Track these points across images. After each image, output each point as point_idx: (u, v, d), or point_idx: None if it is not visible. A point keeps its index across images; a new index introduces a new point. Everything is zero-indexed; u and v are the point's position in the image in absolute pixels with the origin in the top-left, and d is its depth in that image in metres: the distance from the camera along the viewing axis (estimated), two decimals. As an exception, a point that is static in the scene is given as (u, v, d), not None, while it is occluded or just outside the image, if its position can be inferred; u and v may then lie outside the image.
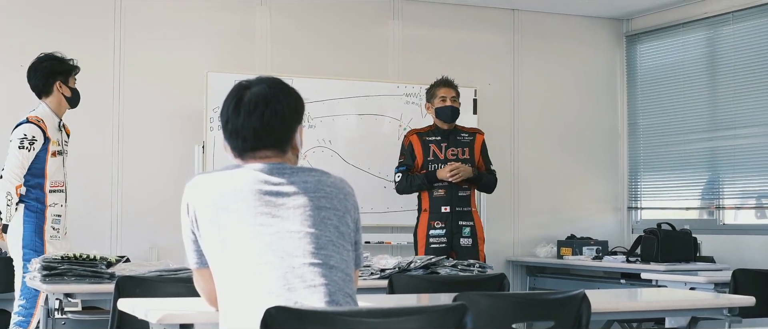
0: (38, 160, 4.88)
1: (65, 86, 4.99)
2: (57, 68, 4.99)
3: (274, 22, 6.92)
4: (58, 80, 4.97)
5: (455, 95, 5.90)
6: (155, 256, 6.37)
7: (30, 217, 4.87)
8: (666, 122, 7.61)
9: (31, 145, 4.84)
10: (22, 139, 4.82)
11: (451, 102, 5.86)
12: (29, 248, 4.84)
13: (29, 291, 4.75)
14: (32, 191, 4.90)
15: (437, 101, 5.88)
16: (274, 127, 2.40)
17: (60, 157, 5.00)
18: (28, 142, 4.83)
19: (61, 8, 6.41)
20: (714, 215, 7.22)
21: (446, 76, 5.97)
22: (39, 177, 4.89)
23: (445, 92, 5.88)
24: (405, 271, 4.38)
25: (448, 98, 5.86)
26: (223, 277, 2.33)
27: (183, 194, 2.41)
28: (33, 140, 4.85)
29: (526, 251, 7.57)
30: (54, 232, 4.93)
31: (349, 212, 2.42)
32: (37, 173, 4.89)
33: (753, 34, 6.96)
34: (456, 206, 5.83)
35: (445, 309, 2.37)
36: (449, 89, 5.89)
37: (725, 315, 3.61)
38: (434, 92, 5.91)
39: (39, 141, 4.86)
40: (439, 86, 5.91)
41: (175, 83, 6.62)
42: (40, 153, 4.88)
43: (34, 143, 4.85)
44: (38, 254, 4.75)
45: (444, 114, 5.87)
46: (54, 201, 4.94)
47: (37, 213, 4.89)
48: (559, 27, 7.78)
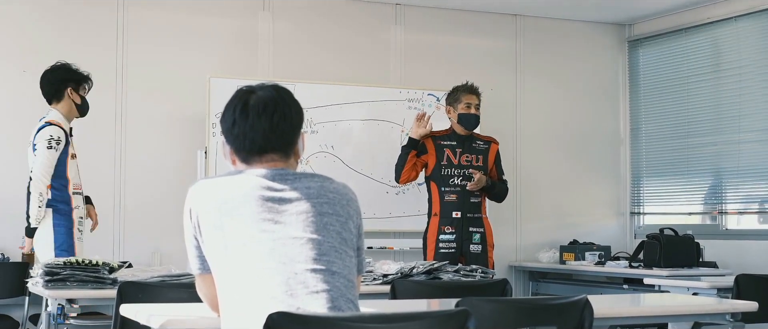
0: (60, 163, 4.98)
1: (76, 93, 5.08)
2: (69, 75, 5.09)
3: (276, 27, 6.92)
4: (69, 87, 5.06)
5: (478, 102, 5.91)
6: (158, 261, 6.37)
7: (60, 219, 4.95)
8: (669, 127, 7.61)
9: (58, 145, 4.94)
10: (49, 139, 4.92)
11: (474, 110, 5.87)
12: (62, 249, 4.89)
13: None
14: (58, 194, 4.97)
15: (461, 106, 5.87)
16: (283, 130, 2.40)
17: (75, 161, 5.06)
18: (55, 142, 4.93)
19: (64, 14, 6.42)
20: (717, 221, 7.21)
21: (471, 82, 5.96)
22: (62, 179, 4.98)
23: (470, 98, 5.87)
24: (407, 276, 4.38)
25: (473, 105, 5.87)
26: (226, 282, 2.33)
27: (186, 199, 2.41)
28: (58, 140, 4.96)
29: (528, 256, 7.57)
30: (79, 234, 5.02)
31: (352, 218, 2.42)
32: (61, 176, 4.98)
33: (755, 39, 6.96)
34: (467, 213, 5.83)
35: (448, 315, 2.36)
36: (474, 96, 5.89)
37: (728, 321, 3.60)
38: (458, 97, 5.89)
39: (62, 143, 4.96)
40: (465, 92, 5.89)
41: (177, 88, 6.62)
42: (61, 156, 4.96)
43: (59, 143, 4.96)
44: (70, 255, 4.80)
45: (467, 121, 5.86)
46: (77, 204, 5.04)
47: (66, 215, 4.98)
48: (561, 32, 7.78)
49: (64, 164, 4.97)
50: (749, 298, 3.97)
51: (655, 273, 6.18)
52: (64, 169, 4.98)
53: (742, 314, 3.60)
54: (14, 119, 5.96)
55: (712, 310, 3.66)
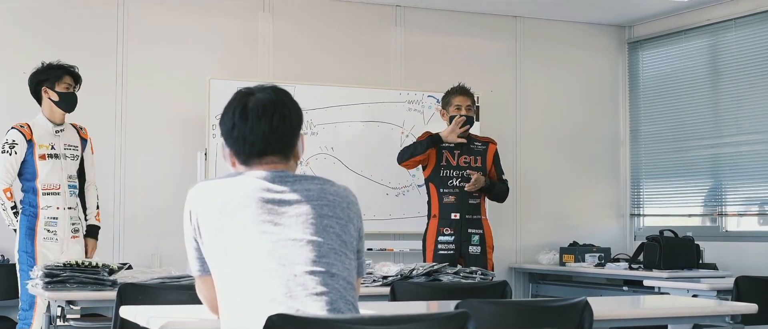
0: (27, 164, 4.99)
1: (52, 91, 5.05)
2: (41, 76, 5.08)
3: (276, 28, 6.92)
4: (43, 86, 5.07)
5: (470, 103, 5.92)
6: (158, 263, 6.37)
7: (23, 221, 5.00)
8: (668, 128, 7.61)
9: (11, 148, 4.96)
10: (4, 143, 4.98)
11: (466, 111, 5.87)
12: (23, 250, 4.95)
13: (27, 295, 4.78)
14: (26, 196, 5.03)
15: (452, 109, 5.89)
16: (283, 132, 2.40)
17: (54, 160, 5.04)
18: (8, 146, 4.97)
19: (63, 15, 6.42)
20: (717, 222, 7.21)
21: (462, 83, 5.97)
22: (30, 181, 5.01)
23: (461, 100, 5.89)
24: (407, 278, 4.38)
25: (464, 107, 5.88)
26: (225, 284, 2.33)
27: (186, 201, 2.41)
28: (13, 144, 4.98)
29: (528, 258, 7.56)
30: (49, 234, 4.99)
31: (352, 221, 2.42)
32: (29, 177, 5.01)
33: (755, 41, 6.96)
34: (466, 214, 5.83)
35: (448, 317, 2.36)
36: (465, 98, 5.90)
37: (728, 323, 3.60)
38: (450, 99, 5.92)
39: (20, 145, 4.97)
40: (455, 94, 5.92)
41: (177, 89, 6.62)
42: (28, 157, 4.96)
43: (14, 146, 4.97)
44: (29, 255, 4.87)
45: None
46: (48, 203, 5.01)
47: (29, 217, 4.99)
48: (561, 34, 7.79)
49: (31, 164, 4.98)
50: (749, 300, 3.97)
51: (654, 274, 6.18)
52: (32, 170, 4.98)
53: (742, 316, 3.60)
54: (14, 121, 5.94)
55: (712, 312, 3.66)
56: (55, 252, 4.92)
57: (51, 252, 4.91)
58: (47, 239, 4.97)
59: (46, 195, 5.00)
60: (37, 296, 4.70)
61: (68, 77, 5.06)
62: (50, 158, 5.03)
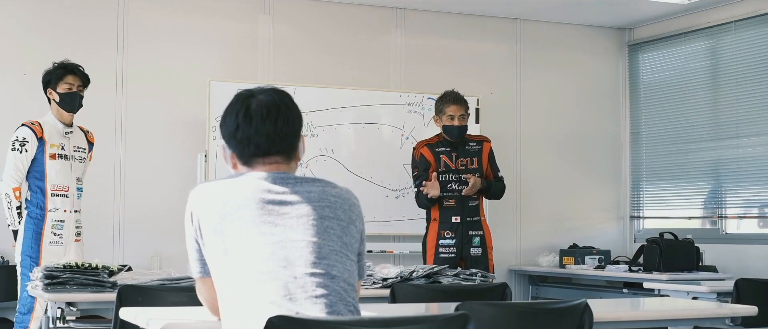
0: (37, 162, 4.94)
1: (54, 91, 5.04)
2: (46, 76, 5.07)
3: (276, 30, 6.93)
4: (48, 88, 5.06)
5: (464, 112, 5.84)
6: (158, 265, 6.37)
7: (29, 223, 4.93)
8: (668, 131, 7.61)
9: (22, 146, 4.92)
10: (14, 141, 4.93)
11: (458, 121, 5.81)
12: (26, 254, 4.89)
13: (26, 300, 4.77)
14: (33, 196, 4.96)
15: (445, 118, 5.83)
16: (286, 133, 2.41)
17: (63, 161, 5.02)
18: (19, 144, 4.93)
19: (64, 16, 6.42)
20: (717, 225, 7.21)
21: (455, 90, 5.90)
22: (39, 180, 4.96)
23: (454, 110, 5.81)
24: (407, 280, 4.38)
25: (456, 116, 5.82)
26: (226, 286, 2.33)
27: (186, 202, 2.41)
28: (24, 141, 4.93)
29: (528, 260, 7.56)
30: (55, 237, 4.95)
31: (354, 223, 2.42)
32: (38, 176, 4.96)
33: (755, 44, 6.96)
34: (467, 217, 5.83)
35: (447, 319, 2.36)
36: (458, 107, 5.82)
37: (728, 325, 3.61)
38: (442, 108, 5.85)
39: (31, 142, 4.93)
40: (448, 103, 5.83)
41: (177, 91, 6.62)
42: (37, 155, 4.92)
43: (25, 144, 4.92)
44: (33, 260, 4.82)
45: (450, 133, 5.85)
46: (55, 206, 4.97)
47: (36, 219, 4.93)
48: (561, 36, 7.79)
49: (40, 163, 4.95)
50: (749, 302, 3.97)
51: (654, 277, 6.18)
52: (41, 169, 4.95)
53: (741, 318, 3.60)
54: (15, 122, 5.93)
55: (712, 314, 3.66)
56: (58, 256, 4.89)
57: (54, 256, 4.88)
58: (53, 243, 4.94)
59: (55, 197, 4.97)
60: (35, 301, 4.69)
61: (71, 77, 5.04)
62: (60, 158, 5.01)
